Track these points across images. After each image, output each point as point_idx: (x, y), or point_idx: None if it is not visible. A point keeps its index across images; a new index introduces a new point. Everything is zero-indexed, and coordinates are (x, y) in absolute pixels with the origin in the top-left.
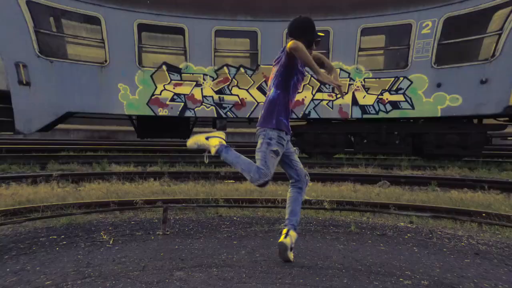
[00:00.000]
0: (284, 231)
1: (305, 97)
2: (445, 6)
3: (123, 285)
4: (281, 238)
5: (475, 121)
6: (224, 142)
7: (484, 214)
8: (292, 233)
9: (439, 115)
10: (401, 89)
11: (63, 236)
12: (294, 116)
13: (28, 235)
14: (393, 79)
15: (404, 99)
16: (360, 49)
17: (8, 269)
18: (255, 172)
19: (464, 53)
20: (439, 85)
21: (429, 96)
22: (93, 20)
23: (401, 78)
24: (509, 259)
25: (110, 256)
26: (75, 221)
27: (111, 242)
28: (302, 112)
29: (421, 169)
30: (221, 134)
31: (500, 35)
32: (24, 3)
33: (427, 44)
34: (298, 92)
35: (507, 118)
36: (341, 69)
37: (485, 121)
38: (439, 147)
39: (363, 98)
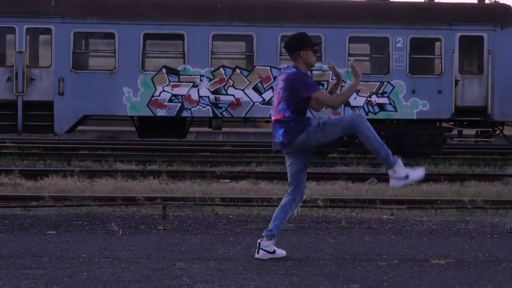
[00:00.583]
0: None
1: None
2: (408, 29)
3: (134, 268)
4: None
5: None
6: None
7: (439, 201)
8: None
9: (415, 117)
10: (385, 92)
11: (86, 223)
12: None
13: (66, 218)
14: (378, 83)
15: (388, 102)
16: (349, 55)
17: (62, 239)
18: (358, 124)
19: (428, 67)
20: (413, 92)
21: (407, 101)
22: (109, 35)
23: (385, 83)
24: (446, 232)
25: (121, 244)
26: (92, 211)
27: (120, 232)
28: None
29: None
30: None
31: (441, 58)
32: (72, 34)
33: (401, 55)
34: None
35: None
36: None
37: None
38: (415, 146)
39: (354, 99)
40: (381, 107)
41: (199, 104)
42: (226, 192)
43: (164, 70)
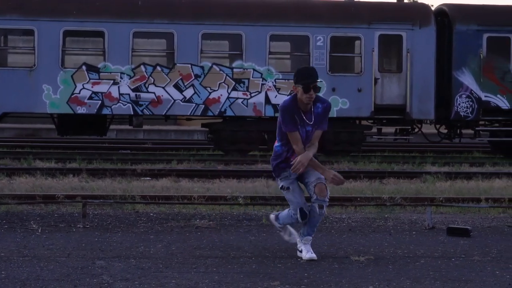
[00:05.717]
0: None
1: (221, 95)
2: (329, 27)
3: (53, 267)
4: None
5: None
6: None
7: (358, 199)
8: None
9: (335, 115)
10: None
11: (4, 221)
12: (210, 113)
13: None
14: None
15: None
16: (270, 53)
17: None
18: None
19: (348, 65)
20: (333, 90)
21: (327, 99)
22: (28, 32)
23: None
24: (365, 229)
25: (40, 243)
26: (11, 209)
27: (39, 231)
28: (218, 110)
29: (323, 164)
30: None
31: (361, 57)
32: None
33: (322, 54)
34: None
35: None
36: (254, 70)
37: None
38: (335, 144)
39: (275, 97)
40: None
41: (120, 101)
42: (146, 190)
43: (84, 67)
